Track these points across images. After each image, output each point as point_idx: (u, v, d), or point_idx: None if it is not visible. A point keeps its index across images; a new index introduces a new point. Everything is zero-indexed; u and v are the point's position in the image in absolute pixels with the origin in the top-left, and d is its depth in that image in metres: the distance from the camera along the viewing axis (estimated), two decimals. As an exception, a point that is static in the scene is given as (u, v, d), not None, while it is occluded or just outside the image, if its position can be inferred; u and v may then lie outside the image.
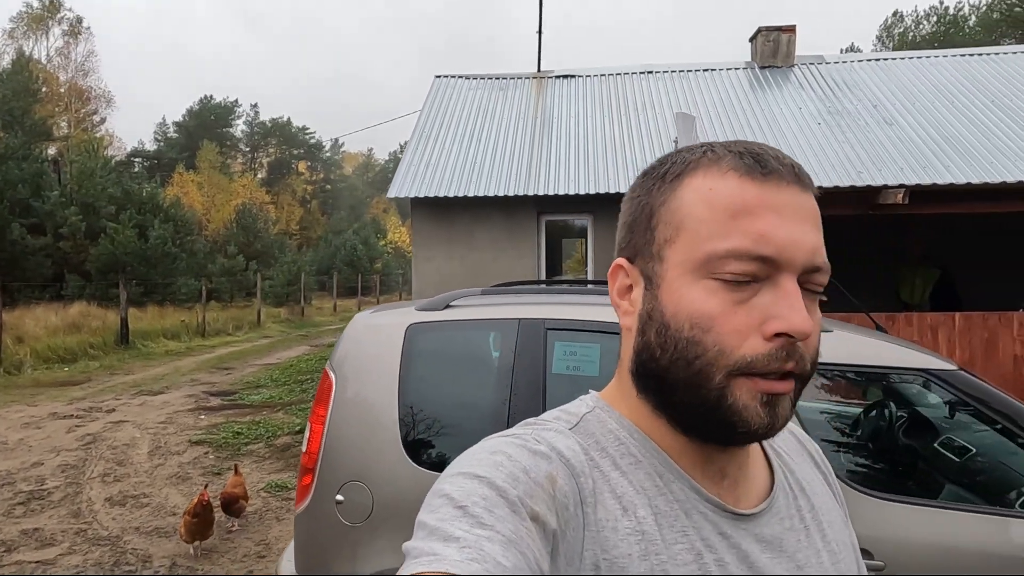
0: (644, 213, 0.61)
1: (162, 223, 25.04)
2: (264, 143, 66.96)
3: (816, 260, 0.56)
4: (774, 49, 11.65)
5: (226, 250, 31.31)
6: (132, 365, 12.31)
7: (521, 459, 0.54)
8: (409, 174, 9.93)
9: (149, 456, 6.21)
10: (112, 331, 14.34)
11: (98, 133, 46.22)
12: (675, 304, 0.57)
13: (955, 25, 35.72)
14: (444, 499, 0.50)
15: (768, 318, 0.54)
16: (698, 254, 0.56)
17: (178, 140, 57.57)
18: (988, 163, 8.71)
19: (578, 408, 0.64)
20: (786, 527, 0.63)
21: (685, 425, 0.59)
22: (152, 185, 30.18)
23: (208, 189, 47.71)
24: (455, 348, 2.56)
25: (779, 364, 0.54)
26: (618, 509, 0.56)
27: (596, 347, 2.40)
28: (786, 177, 0.57)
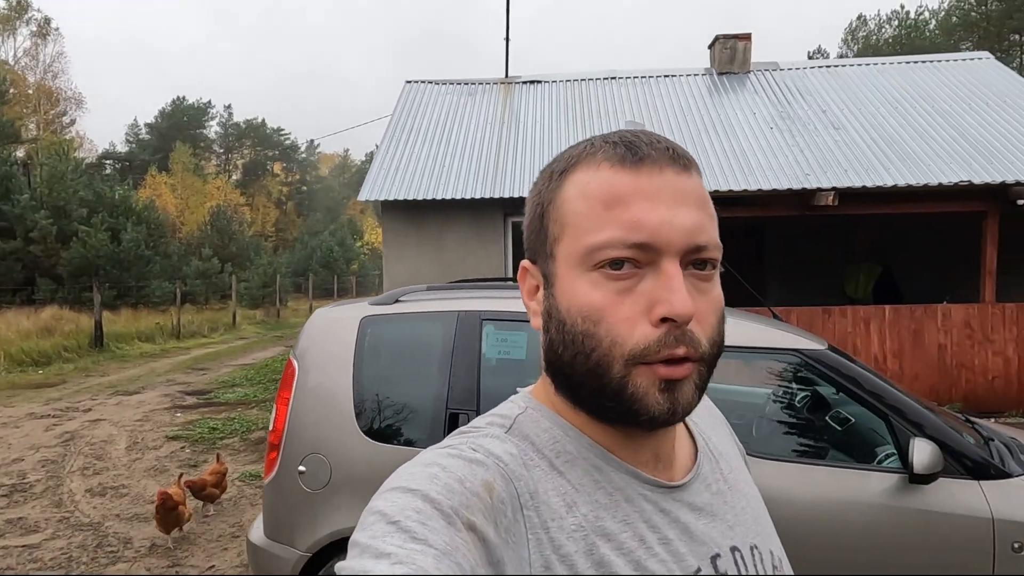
0: (537, 213, 0.63)
1: (135, 226, 24.93)
2: (238, 144, 66.47)
3: (697, 239, 0.57)
4: (731, 56, 12.16)
5: (200, 252, 31.17)
6: (107, 367, 12.44)
7: (456, 469, 0.54)
8: (380, 177, 10.24)
9: (127, 451, 6.47)
10: (86, 334, 14.43)
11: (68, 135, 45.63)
12: (567, 300, 0.58)
13: (916, 29, 36.84)
14: (376, 516, 0.50)
15: (653, 303, 0.55)
16: (580, 248, 0.57)
17: (150, 141, 56.98)
18: (926, 166, 9.26)
19: (510, 410, 0.64)
20: (713, 492, 0.66)
21: (599, 416, 0.61)
22: (124, 188, 30.00)
23: (182, 191, 47.37)
24: (403, 337, 2.92)
25: (669, 350, 0.55)
26: (562, 507, 0.56)
27: (524, 334, 2.77)
28: (659, 161, 0.58)
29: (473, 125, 11.42)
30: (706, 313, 0.58)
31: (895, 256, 9.66)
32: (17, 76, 40.95)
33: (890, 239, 9.70)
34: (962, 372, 6.67)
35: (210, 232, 37.04)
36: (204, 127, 62.78)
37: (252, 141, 66.35)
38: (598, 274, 0.57)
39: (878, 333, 6.77)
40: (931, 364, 6.70)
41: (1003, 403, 6.65)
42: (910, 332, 6.74)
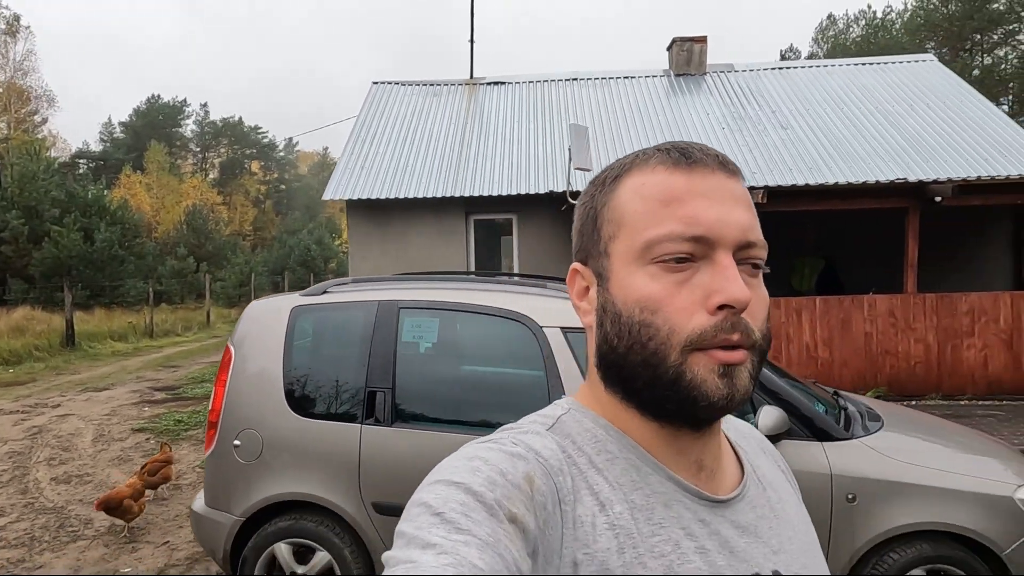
0: (590, 217, 0.65)
1: (108, 226, 24.88)
2: (215, 143, 65.99)
3: (749, 236, 0.59)
4: (688, 58, 12.57)
5: (175, 252, 31.10)
6: (78, 366, 12.58)
7: (498, 462, 0.55)
8: (345, 177, 10.52)
9: (93, 443, 6.71)
10: (57, 333, 14.52)
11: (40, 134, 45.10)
12: (624, 293, 0.60)
13: (883, 29, 37.67)
14: (422, 507, 0.51)
15: (710, 293, 0.57)
16: (638, 243, 0.59)
17: (125, 140, 56.42)
18: (865, 164, 9.74)
19: (553, 411, 0.65)
20: (759, 514, 0.65)
21: (652, 409, 0.61)
22: (98, 187, 29.86)
23: (157, 191, 47.04)
24: (329, 324, 3.24)
25: (725, 335, 0.56)
26: (596, 505, 0.57)
27: (436, 321, 3.11)
28: (710, 165, 0.60)
29: (437, 126, 11.72)
30: (757, 308, 0.59)
31: (838, 250, 10.12)
32: (-14, 75, 40.41)
33: (833, 234, 10.16)
34: (887, 358, 7.12)
35: (186, 232, 36.95)
36: (180, 126, 62.25)
37: (229, 140, 65.88)
38: (655, 267, 0.58)
39: (809, 323, 7.20)
40: (858, 351, 7.14)
41: (924, 386, 7.11)
42: (839, 321, 7.18)
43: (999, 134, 10.12)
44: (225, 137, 65.34)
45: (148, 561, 3.97)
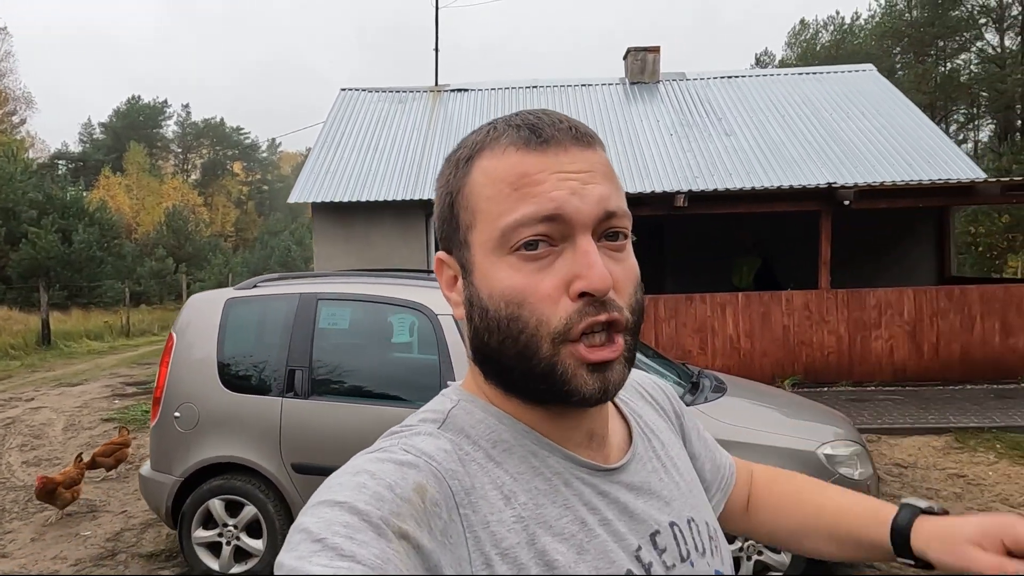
0: (446, 203, 0.62)
1: (87, 227, 25.12)
2: (197, 144, 65.94)
3: (608, 206, 0.57)
4: (642, 67, 13.18)
5: (154, 253, 31.32)
6: (53, 363, 12.95)
7: (386, 475, 0.52)
8: (310, 181, 11.02)
9: (63, 431, 7.16)
10: (34, 333, 14.86)
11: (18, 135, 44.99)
12: (488, 286, 0.58)
13: (851, 34, 38.64)
14: (302, 534, 0.48)
15: (571, 279, 0.55)
16: (495, 232, 0.57)
17: (105, 141, 56.30)
18: (800, 168, 10.40)
19: (442, 404, 0.63)
20: (649, 470, 0.67)
21: (531, 398, 0.60)
22: (76, 188, 30.06)
23: (137, 192, 47.10)
24: (257, 314, 3.77)
25: (592, 318, 0.55)
26: (500, 499, 0.56)
27: (348, 310, 3.65)
28: (563, 140, 0.58)
29: (401, 131, 12.24)
30: (624, 282, 0.58)
31: (778, 249, 10.76)
32: (-36, 76, 40.29)
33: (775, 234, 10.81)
34: (803, 349, 7.75)
35: (165, 233, 37.15)
36: (160, 126, 62.19)
37: (211, 140, 65.85)
38: (515, 257, 0.57)
39: (732, 316, 7.80)
40: (777, 342, 7.76)
41: (837, 374, 7.75)
42: (759, 315, 7.79)
43: (925, 142, 10.82)
44: (207, 138, 65.30)
45: (106, 527, 4.47)
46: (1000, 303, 7.58)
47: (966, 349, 7.60)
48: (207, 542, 3.58)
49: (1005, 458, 5.44)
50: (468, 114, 12.73)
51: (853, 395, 7.37)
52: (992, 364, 7.57)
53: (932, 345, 7.64)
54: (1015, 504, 4.58)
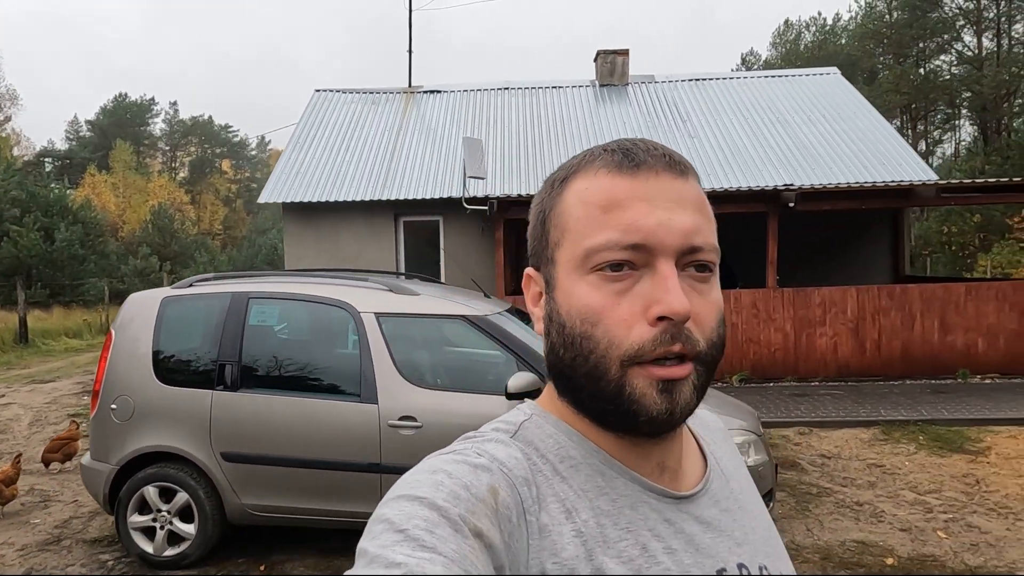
0: (539, 221, 0.64)
1: (70, 225, 25.17)
2: (184, 141, 65.80)
3: (693, 240, 0.57)
4: (611, 69, 13.42)
5: (138, 251, 31.37)
6: (30, 361, 13.09)
7: (461, 475, 0.54)
8: (280, 181, 11.20)
9: (28, 426, 7.34)
10: (12, 331, 14.97)
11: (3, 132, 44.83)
12: (567, 302, 0.59)
13: (833, 35, 39.05)
14: (384, 524, 0.50)
15: (649, 304, 0.56)
16: (579, 251, 0.58)
17: (91, 139, 56.14)
18: (759, 171, 10.66)
19: (516, 417, 0.64)
20: (722, 508, 0.65)
21: (600, 420, 0.61)
22: (60, 186, 30.05)
23: (123, 190, 47.03)
24: (191, 311, 3.98)
25: (665, 347, 0.55)
26: (562, 513, 0.56)
27: (276, 308, 3.87)
28: (656, 166, 0.59)
29: (372, 132, 12.43)
30: (705, 315, 0.58)
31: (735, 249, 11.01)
32: (-53, 73, 40.08)
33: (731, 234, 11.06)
34: (750, 346, 8.01)
35: (151, 231, 37.15)
36: (148, 124, 62.04)
37: (199, 138, 65.74)
38: (596, 276, 0.57)
39: (683, 314, 8.05)
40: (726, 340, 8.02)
41: (783, 370, 8.02)
42: (709, 313, 8.05)
43: (882, 145, 11.10)
44: (195, 136, 65.19)
45: (56, 515, 4.68)
46: (939, 302, 7.87)
47: (907, 346, 7.88)
48: (142, 527, 3.79)
49: (924, 449, 5.72)
50: (440, 115, 12.93)
51: (796, 390, 7.65)
52: (931, 360, 7.85)
53: (874, 342, 7.92)
54: (922, 491, 4.85)
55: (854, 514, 4.48)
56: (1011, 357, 7.78)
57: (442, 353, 3.93)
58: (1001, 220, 21.04)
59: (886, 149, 10.98)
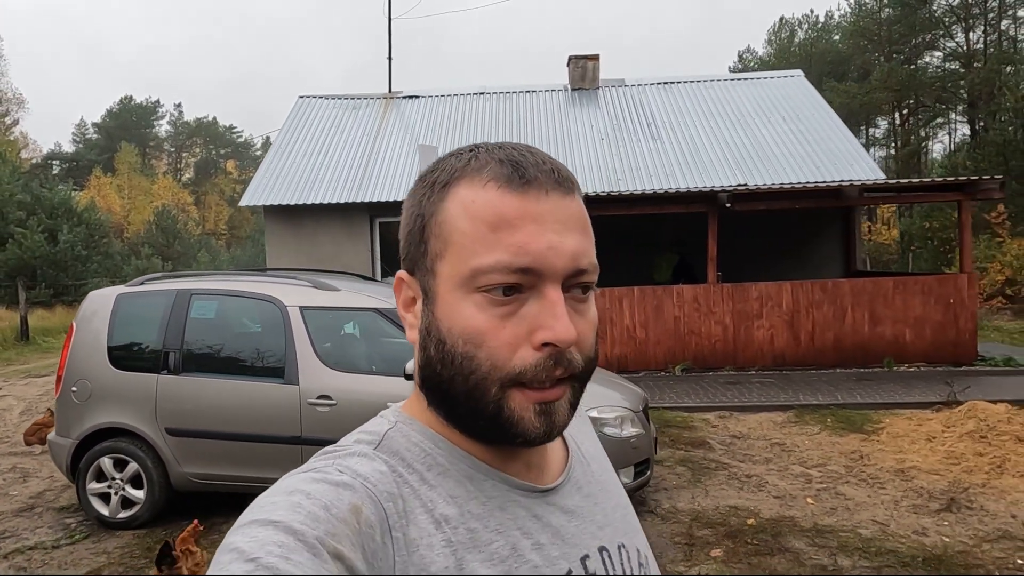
0: (417, 225, 0.62)
1: (74, 227, 25.91)
2: (189, 143, 66.71)
3: (579, 263, 0.57)
4: (582, 74, 13.92)
5: (141, 252, 32.14)
6: (29, 357, 13.76)
7: (321, 495, 0.51)
8: (261, 185, 11.78)
9: (19, 415, 7.96)
10: (14, 329, 15.66)
11: (11, 136, 45.72)
12: (449, 320, 0.58)
13: (826, 31, 39.33)
14: (233, 554, 0.46)
15: (535, 328, 0.56)
16: (465, 269, 0.57)
17: (97, 141, 57.10)
18: (713, 171, 11.16)
19: (379, 426, 0.63)
20: (584, 494, 0.67)
21: (473, 434, 0.61)
22: (65, 188, 30.84)
23: (128, 191, 47.91)
24: (142, 306, 4.54)
25: (547, 373, 0.56)
26: (431, 524, 0.56)
27: (215, 303, 4.44)
28: (545, 184, 0.58)
29: (351, 136, 13.00)
30: (585, 334, 0.59)
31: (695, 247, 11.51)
32: (-44, 79, 40.99)
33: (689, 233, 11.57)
34: (692, 337, 8.52)
35: (155, 231, 37.97)
36: (153, 126, 62.96)
37: (204, 139, 66.63)
38: (482, 297, 0.56)
39: (629, 309, 8.58)
40: (669, 332, 8.54)
41: (723, 360, 8.53)
42: (653, 307, 8.57)
43: (836, 145, 11.57)
44: (199, 137, 66.10)
45: (32, 488, 5.27)
46: (868, 295, 8.36)
47: (839, 337, 8.38)
48: (99, 493, 4.37)
49: (828, 429, 6.24)
50: (417, 119, 13.48)
51: (731, 379, 8.16)
52: (861, 350, 8.35)
53: (808, 333, 8.42)
54: (809, 465, 5.37)
55: (740, 484, 5.01)
56: (936, 346, 8.26)
57: (355, 341, 4.48)
58: (980, 215, 21.39)
59: (838, 149, 11.45)
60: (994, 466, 4.89)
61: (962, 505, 4.46)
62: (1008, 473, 4.82)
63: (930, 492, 4.69)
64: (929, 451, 5.31)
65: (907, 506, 4.51)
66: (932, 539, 4.01)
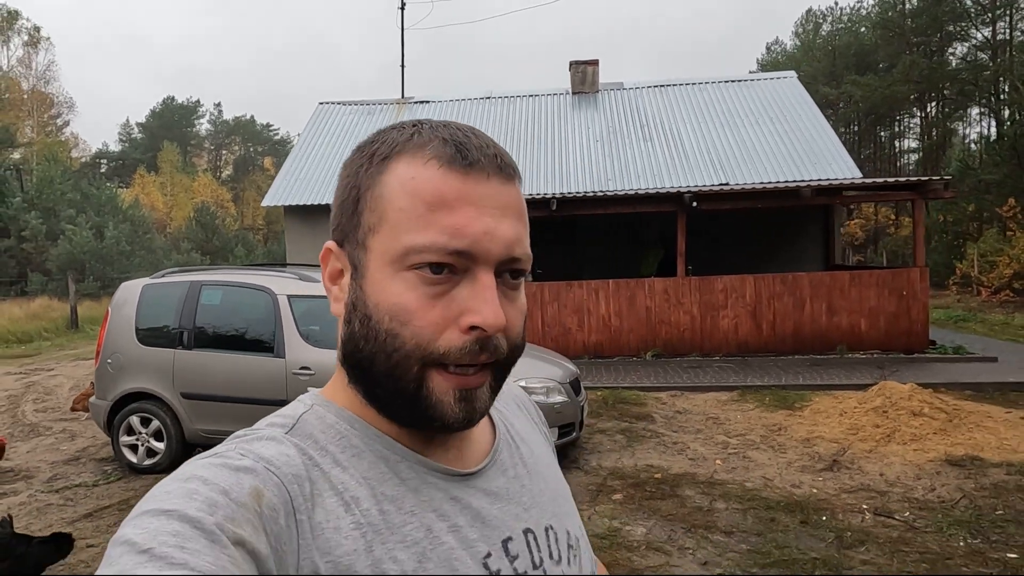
0: (352, 196, 0.60)
1: (119, 224, 27.68)
2: (228, 141, 69.10)
3: (514, 251, 0.57)
4: (582, 78, 14.69)
5: (180, 247, 33.95)
6: (79, 343, 15.19)
7: (220, 480, 0.50)
8: (282, 186, 12.90)
9: (69, 391, 9.18)
10: (65, 318, 17.19)
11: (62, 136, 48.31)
12: (377, 295, 0.57)
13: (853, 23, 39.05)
14: (125, 547, 0.44)
15: (464, 311, 0.55)
16: (398, 246, 0.56)
17: (142, 140, 59.72)
18: (703, 171, 11.84)
19: (295, 409, 0.62)
20: (510, 476, 0.66)
21: (391, 416, 0.60)
22: (111, 187, 32.80)
23: (170, 189, 50.19)
24: (163, 294, 5.57)
25: (472, 357, 0.56)
26: (340, 506, 0.55)
27: (220, 292, 5.45)
28: (487, 168, 0.57)
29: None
30: (513, 321, 0.59)
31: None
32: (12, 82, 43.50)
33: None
34: (662, 326, 9.29)
35: (194, 227, 39.91)
36: (194, 125, 65.43)
37: (242, 137, 68.94)
38: (413, 275, 0.56)
39: (605, 299, 9.39)
40: (641, 321, 9.32)
41: (690, 348, 9.28)
42: (627, 298, 9.36)
43: (818, 145, 12.14)
44: (238, 135, 68.42)
45: (78, 444, 6.40)
46: (826, 288, 9.02)
47: (798, 326, 9.06)
48: (129, 444, 5.43)
49: (762, 406, 6.99)
50: (426, 124, 14.40)
51: (695, 363, 8.93)
52: (819, 338, 9.02)
53: (770, 323, 9.12)
54: (732, 435, 6.15)
55: (664, 449, 5.83)
56: (890, 335, 8.88)
57: (329, 322, 5.44)
58: (992, 209, 21.45)
59: (820, 148, 12.02)
60: (884, 435, 5.62)
61: (843, 466, 5.22)
62: (894, 441, 5.54)
63: (821, 456, 5.46)
64: (837, 424, 6.04)
65: (797, 466, 5.28)
66: (803, 491, 4.79)
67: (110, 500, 4.92)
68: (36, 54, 44.81)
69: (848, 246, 31.65)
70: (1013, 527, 4.05)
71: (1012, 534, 3.97)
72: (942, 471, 5.00)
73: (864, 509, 4.44)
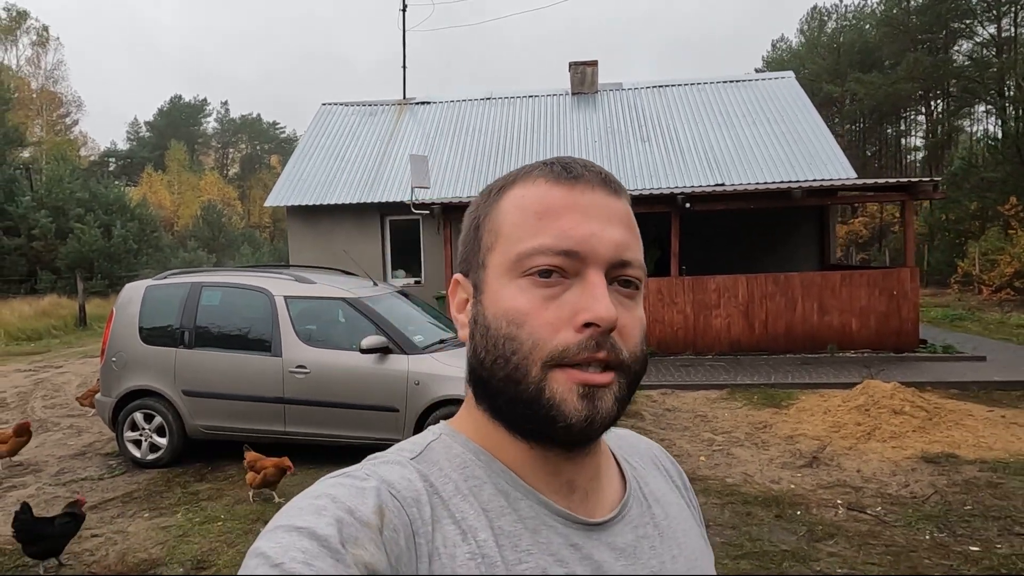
0: (472, 227, 0.65)
1: (127, 222, 27.99)
2: (235, 139, 69.50)
3: (623, 255, 0.59)
4: (582, 79, 14.82)
5: (186, 245, 34.29)
6: (87, 341, 15.46)
7: (346, 499, 0.53)
8: (285, 186, 13.09)
9: (76, 388, 9.42)
10: (73, 316, 17.48)
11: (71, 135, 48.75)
12: (494, 306, 0.60)
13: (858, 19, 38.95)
14: (259, 559, 0.48)
15: (577, 310, 0.56)
16: (511, 255, 0.59)
17: (150, 139, 60.16)
18: (700, 171, 11.97)
19: (424, 437, 0.64)
20: (640, 535, 0.64)
21: (516, 428, 0.60)
22: (119, 185, 33.16)
23: (178, 187, 50.61)
24: (165, 295, 5.77)
25: (590, 352, 0.56)
26: (457, 534, 0.55)
27: (219, 292, 5.65)
28: (592, 182, 0.60)
29: (366, 141, 14.20)
30: (630, 328, 0.59)
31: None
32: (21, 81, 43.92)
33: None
34: (656, 325, 9.45)
35: (201, 225, 40.27)
36: (201, 124, 65.83)
37: (248, 135, 69.32)
38: (526, 280, 0.58)
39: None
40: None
41: (683, 346, 9.43)
42: (621, 298, 9.52)
43: (814, 146, 12.24)
44: (244, 133, 68.81)
45: (85, 439, 6.61)
46: (818, 287, 9.15)
47: (789, 326, 9.20)
48: (133, 440, 5.64)
49: (749, 404, 7.14)
50: (427, 124, 14.59)
51: (688, 362, 9.08)
52: (810, 337, 9.15)
53: (762, 322, 9.26)
54: (718, 432, 6.31)
55: (650, 446, 5.99)
56: (880, 335, 9.01)
57: (325, 322, 5.64)
58: (993, 207, 21.45)
59: (816, 149, 12.13)
60: (865, 433, 5.77)
61: (822, 462, 5.37)
62: (874, 439, 5.69)
63: (802, 452, 5.61)
64: (820, 421, 6.19)
65: (778, 463, 5.44)
66: (781, 486, 4.95)
67: (114, 493, 5.13)
68: (45, 54, 45.23)
69: (853, 244, 31.72)
70: (979, 521, 4.20)
71: (977, 528, 4.12)
72: (917, 468, 5.15)
73: (838, 504, 4.59)
